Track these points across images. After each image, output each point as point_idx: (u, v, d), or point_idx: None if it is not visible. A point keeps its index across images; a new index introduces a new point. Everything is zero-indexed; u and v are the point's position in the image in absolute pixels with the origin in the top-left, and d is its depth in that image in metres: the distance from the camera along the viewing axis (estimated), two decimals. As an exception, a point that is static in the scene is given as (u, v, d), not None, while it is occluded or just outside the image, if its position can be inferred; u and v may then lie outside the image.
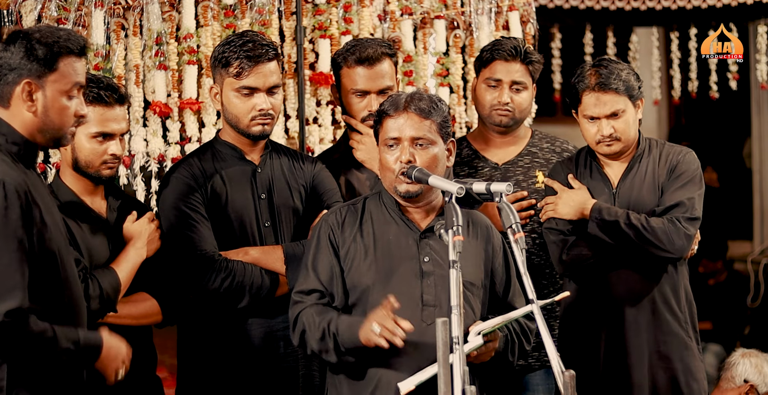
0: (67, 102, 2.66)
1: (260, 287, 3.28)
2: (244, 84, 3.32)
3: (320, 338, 2.93)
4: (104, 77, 3.25)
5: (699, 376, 3.60)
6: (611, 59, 3.65)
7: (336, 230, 3.03)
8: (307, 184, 3.47)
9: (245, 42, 3.32)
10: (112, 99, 3.19)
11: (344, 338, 2.91)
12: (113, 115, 3.20)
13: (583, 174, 3.67)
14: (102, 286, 3.03)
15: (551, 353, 2.56)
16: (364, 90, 3.59)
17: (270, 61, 3.34)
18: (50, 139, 2.68)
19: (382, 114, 3.05)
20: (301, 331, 2.98)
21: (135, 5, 3.81)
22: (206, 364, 3.34)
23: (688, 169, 3.57)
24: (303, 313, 2.98)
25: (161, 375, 3.45)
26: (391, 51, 3.66)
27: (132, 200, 3.47)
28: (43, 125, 2.65)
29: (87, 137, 3.18)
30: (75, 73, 2.67)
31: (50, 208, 2.68)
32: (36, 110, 2.63)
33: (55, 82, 2.63)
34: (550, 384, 3.80)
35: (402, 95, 3.05)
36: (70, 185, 3.24)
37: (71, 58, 2.65)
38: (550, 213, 3.63)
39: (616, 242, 3.49)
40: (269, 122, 3.36)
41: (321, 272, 3.01)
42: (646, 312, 3.54)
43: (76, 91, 2.68)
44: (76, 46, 2.66)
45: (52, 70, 2.62)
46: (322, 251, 3.03)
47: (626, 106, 3.53)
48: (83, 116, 2.72)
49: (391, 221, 3.05)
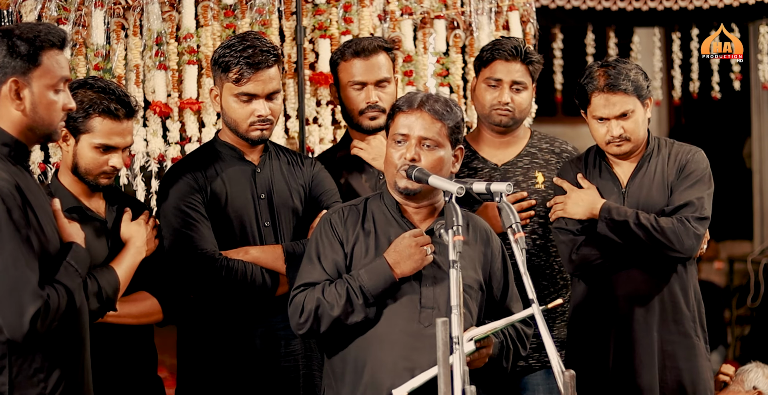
0: (55, 96, 2.66)
1: (261, 287, 3.28)
2: (243, 90, 3.31)
3: (345, 298, 2.89)
4: (117, 88, 3.21)
5: (706, 376, 3.60)
6: (619, 59, 3.65)
7: (339, 228, 3.03)
8: (307, 184, 3.47)
9: (246, 47, 3.29)
10: (122, 113, 3.16)
11: (372, 284, 2.89)
12: (120, 129, 3.18)
13: (592, 173, 3.67)
14: (101, 285, 3.03)
15: (551, 353, 2.56)
16: (361, 81, 3.60)
17: (270, 68, 3.32)
18: (41, 135, 2.69)
19: (395, 109, 3.05)
20: (314, 308, 2.91)
21: (135, 5, 3.81)
22: (206, 364, 3.34)
23: (697, 168, 3.57)
24: (309, 294, 2.93)
25: (161, 375, 3.44)
26: (387, 45, 3.68)
27: (131, 201, 3.47)
28: (33, 123, 2.64)
29: (90, 147, 3.16)
30: (59, 66, 2.67)
31: (45, 208, 2.68)
32: (24, 108, 2.62)
33: (41, 78, 2.63)
34: (550, 385, 3.79)
35: (419, 94, 3.06)
36: (68, 186, 3.23)
37: (53, 52, 2.65)
38: (560, 213, 3.63)
39: (626, 242, 3.49)
40: (268, 127, 3.36)
41: (327, 265, 3.00)
42: (655, 311, 3.54)
43: (62, 85, 2.68)
44: (57, 38, 2.66)
45: (37, 65, 2.62)
46: (328, 246, 3.01)
47: (635, 106, 3.53)
48: (72, 109, 2.72)
49: (392, 221, 3.05)
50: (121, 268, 3.14)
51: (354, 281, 2.91)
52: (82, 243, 2.75)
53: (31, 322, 2.50)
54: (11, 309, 2.50)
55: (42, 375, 2.60)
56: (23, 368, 2.58)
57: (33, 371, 2.59)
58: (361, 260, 2.99)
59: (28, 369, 2.58)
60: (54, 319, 2.55)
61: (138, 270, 3.21)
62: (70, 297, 2.59)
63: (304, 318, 2.94)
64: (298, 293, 2.97)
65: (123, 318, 3.20)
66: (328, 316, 2.91)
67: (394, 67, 3.72)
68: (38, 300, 2.51)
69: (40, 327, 2.52)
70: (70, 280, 2.61)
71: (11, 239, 2.51)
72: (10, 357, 2.56)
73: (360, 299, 2.89)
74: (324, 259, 3.00)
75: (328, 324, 2.92)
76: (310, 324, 2.93)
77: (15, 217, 2.53)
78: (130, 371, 3.26)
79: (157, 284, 3.29)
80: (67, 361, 2.67)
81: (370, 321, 2.93)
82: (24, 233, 2.53)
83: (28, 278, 2.51)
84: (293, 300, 2.98)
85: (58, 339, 2.63)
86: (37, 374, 2.59)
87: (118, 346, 3.21)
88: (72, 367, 2.69)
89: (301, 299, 2.95)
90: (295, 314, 2.96)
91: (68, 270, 2.63)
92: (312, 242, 3.05)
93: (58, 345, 2.64)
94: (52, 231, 2.66)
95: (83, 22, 3.73)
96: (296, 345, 3.36)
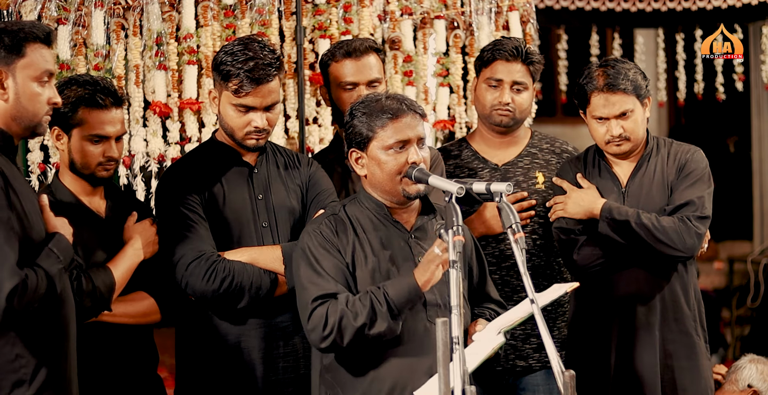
0: (39, 89, 2.70)
1: (259, 287, 3.27)
2: (241, 102, 3.28)
3: (369, 308, 2.86)
4: (102, 79, 3.24)
5: (706, 375, 3.60)
6: (617, 59, 3.65)
7: (333, 239, 2.99)
8: (304, 184, 3.47)
9: (248, 59, 3.24)
10: (108, 102, 3.19)
11: (397, 296, 2.87)
12: (108, 117, 3.20)
13: (591, 173, 3.67)
14: (95, 284, 3.03)
15: (551, 353, 2.56)
16: (353, 82, 3.61)
17: (271, 82, 3.28)
18: (25, 128, 2.72)
19: (383, 119, 2.99)
20: (338, 319, 2.87)
21: (135, 5, 3.81)
22: (205, 364, 3.34)
23: (697, 167, 3.57)
24: (331, 306, 2.89)
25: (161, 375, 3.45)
26: (377, 46, 3.69)
27: (132, 201, 3.47)
28: (17, 112, 2.68)
29: (82, 139, 3.18)
30: (44, 60, 2.71)
31: (30, 199, 2.70)
32: (8, 97, 2.67)
33: (24, 69, 2.68)
34: (550, 385, 3.79)
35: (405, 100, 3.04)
36: (68, 186, 3.24)
37: (38, 45, 2.70)
38: (560, 213, 3.63)
39: (627, 242, 3.49)
40: (264, 136, 3.35)
41: (336, 275, 2.95)
42: (656, 311, 3.54)
43: (47, 78, 2.72)
44: (42, 32, 2.71)
45: (20, 55, 2.67)
46: (328, 256, 2.96)
47: (634, 105, 3.54)
48: (57, 104, 2.75)
49: (379, 224, 3.04)
50: (118, 268, 3.14)
51: (378, 292, 2.90)
52: (69, 236, 2.77)
53: (8, 299, 2.53)
54: None
55: (23, 361, 2.63)
56: (4, 352, 2.61)
57: (14, 356, 2.62)
58: (363, 267, 2.98)
59: (9, 353, 2.62)
60: (33, 300, 2.58)
61: (137, 270, 3.21)
62: (50, 281, 2.62)
63: (328, 331, 2.89)
64: (319, 307, 2.91)
65: (120, 317, 3.20)
66: (351, 327, 2.87)
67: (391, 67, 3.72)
68: (15, 277, 2.54)
69: (17, 304, 2.54)
70: (50, 265, 2.64)
71: None
72: None
73: (384, 306, 2.87)
74: (330, 269, 2.96)
75: (352, 336, 2.88)
76: (334, 336, 2.89)
77: None
78: (131, 370, 3.26)
79: (155, 284, 3.29)
80: (50, 349, 2.69)
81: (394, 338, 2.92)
82: (5, 214, 2.57)
83: (6, 256, 2.55)
84: (314, 314, 2.91)
85: (39, 325, 2.65)
86: (17, 359, 2.62)
87: (118, 346, 3.21)
88: (54, 355, 2.70)
89: (323, 311, 2.89)
90: (317, 327, 2.90)
91: (49, 255, 2.66)
92: (306, 259, 2.98)
93: (40, 332, 2.66)
94: (37, 221, 2.69)
95: (83, 22, 3.73)
96: (296, 345, 3.35)
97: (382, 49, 3.73)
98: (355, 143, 3.02)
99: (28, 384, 2.63)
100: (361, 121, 3.00)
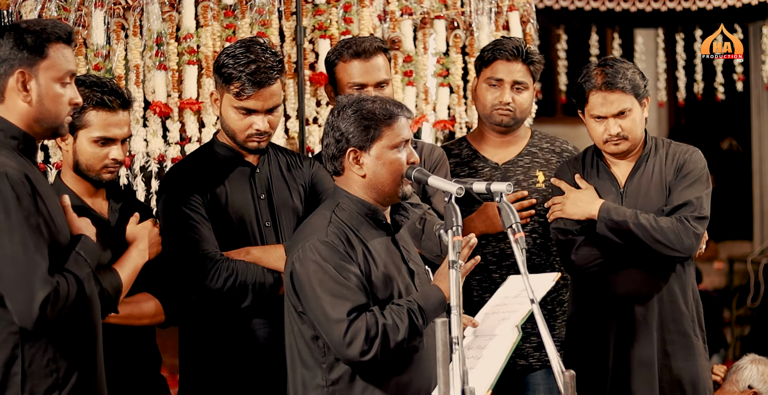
0: (61, 90, 2.68)
1: (263, 286, 3.27)
2: (243, 105, 3.28)
3: (408, 322, 2.86)
4: (109, 81, 3.23)
5: (705, 375, 3.60)
6: (616, 58, 3.66)
7: (342, 248, 2.91)
8: (306, 183, 3.47)
9: (250, 62, 3.23)
10: (116, 104, 3.18)
11: (430, 309, 2.90)
12: (116, 120, 3.19)
13: (589, 174, 3.67)
14: (103, 286, 3.03)
15: (551, 353, 2.56)
16: (361, 83, 3.59)
17: (273, 85, 3.27)
18: (47, 129, 2.70)
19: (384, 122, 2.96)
20: (381, 332, 2.83)
21: (135, 5, 3.81)
22: (209, 364, 3.34)
23: (695, 168, 3.57)
24: (369, 319, 2.84)
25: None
26: (385, 46, 3.67)
27: (134, 202, 3.47)
28: (39, 115, 2.66)
29: (89, 141, 3.17)
30: (66, 60, 2.68)
31: (54, 201, 2.68)
32: (31, 99, 2.64)
33: (47, 70, 2.65)
34: (550, 384, 3.80)
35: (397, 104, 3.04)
36: (70, 186, 3.23)
37: (60, 45, 2.67)
38: (558, 213, 3.63)
39: (625, 242, 3.49)
40: (266, 139, 3.35)
41: (360, 285, 2.89)
42: (654, 311, 3.54)
43: (69, 79, 2.69)
44: (64, 32, 2.68)
45: (43, 56, 2.64)
46: (347, 265, 2.89)
47: (633, 105, 3.54)
48: (78, 104, 2.73)
49: (370, 228, 3.00)
50: (123, 270, 3.14)
51: (413, 304, 2.90)
52: (93, 237, 2.76)
53: (41, 308, 2.50)
54: (21, 295, 2.51)
55: (54, 366, 2.60)
56: (36, 358, 2.58)
57: (46, 361, 2.59)
58: (376, 273, 2.94)
59: (41, 359, 2.59)
60: (64, 307, 2.55)
61: (141, 272, 3.21)
62: (80, 286, 2.60)
63: (369, 344, 2.83)
64: (355, 320, 2.84)
65: (125, 319, 3.19)
66: (394, 340, 2.85)
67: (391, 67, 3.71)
68: (48, 286, 2.51)
69: (50, 313, 2.52)
70: (80, 269, 2.62)
71: (20, 225, 2.52)
72: (23, 346, 2.57)
73: (420, 320, 2.89)
74: (353, 280, 2.89)
75: (394, 348, 2.86)
76: (377, 349, 2.84)
77: (25, 204, 2.53)
78: (134, 371, 3.26)
79: (159, 285, 3.29)
80: (80, 352, 2.67)
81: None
82: (34, 221, 2.54)
83: (37, 265, 2.52)
84: (352, 327, 2.83)
85: (70, 329, 2.63)
86: (49, 364, 2.60)
87: (121, 347, 3.20)
88: (84, 358, 2.69)
89: (361, 325, 2.83)
90: (356, 340, 2.83)
91: (78, 260, 2.63)
92: (325, 272, 2.88)
93: (71, 336, 2.64)
94: (62, 223, 2.67)
95: (83, 22, 3.73)
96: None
97: (388, 49, 3.71)
98: (355, 142, 2.97)
99: (60, 389, 2.61)
100: (362, 120, 2.95)
